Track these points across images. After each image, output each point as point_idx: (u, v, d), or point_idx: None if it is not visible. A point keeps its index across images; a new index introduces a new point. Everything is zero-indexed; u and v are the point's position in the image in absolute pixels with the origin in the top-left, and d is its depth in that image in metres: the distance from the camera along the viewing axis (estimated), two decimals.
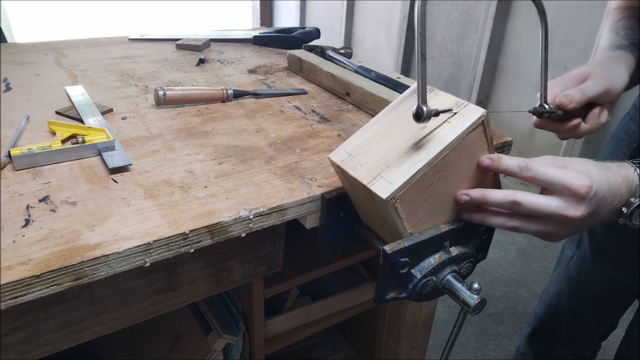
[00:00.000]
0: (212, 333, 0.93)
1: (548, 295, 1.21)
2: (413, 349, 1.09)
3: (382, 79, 0.96)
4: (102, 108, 0.86)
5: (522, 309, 1.95)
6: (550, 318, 1.21)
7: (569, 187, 0.53)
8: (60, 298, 0.58)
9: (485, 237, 0.64)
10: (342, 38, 3.84)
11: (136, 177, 0.64)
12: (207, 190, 0.62)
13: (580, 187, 0.52)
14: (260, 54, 1.29)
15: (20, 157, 0.65)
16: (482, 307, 0.57)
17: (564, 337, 1.21)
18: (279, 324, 0.99)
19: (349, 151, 0.58)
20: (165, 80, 1.05)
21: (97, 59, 1.17)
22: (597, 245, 1.07)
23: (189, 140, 0.77)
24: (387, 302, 0.58)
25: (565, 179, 0.53)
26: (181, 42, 1.30)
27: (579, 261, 1.11)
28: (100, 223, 0.54)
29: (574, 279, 1.13)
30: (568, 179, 0.53)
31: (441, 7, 3.01)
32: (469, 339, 1.80)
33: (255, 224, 0.59)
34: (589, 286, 1.10)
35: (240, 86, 1.02)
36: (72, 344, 0.62)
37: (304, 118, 0.88)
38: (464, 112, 0.55)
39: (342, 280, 1.11)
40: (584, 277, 1.10)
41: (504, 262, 2.22)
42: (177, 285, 0.67)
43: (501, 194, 0.55)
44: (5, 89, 0.95)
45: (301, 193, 0.62)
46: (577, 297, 1.14)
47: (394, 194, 0.51)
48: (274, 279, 0.88)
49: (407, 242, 0.55)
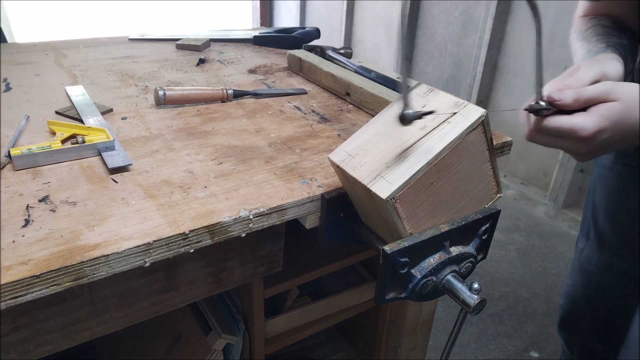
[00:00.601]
0: (212, 333, 0.93)
1: (566, 285, 1.24)
2: (413, 349, 1.09)
3: (382, 79, 0.96)
4: (102, 108, 0.86)
5: (522, 309, 1.95)
6: (570, 308, 1.24)
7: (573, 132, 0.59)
8: (60, 298, 0.58)
9: (485, 237, 0.64)
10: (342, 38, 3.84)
11: (136, 177, 0.64)
12: (207, 190, 0.62)
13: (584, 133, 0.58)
14: (260, 54, 1.29)
15: (20, 157, 0.65)
16: (482, 307, 0.57)
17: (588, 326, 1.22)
18: (279, 324, 0.99)
19: (349, 151, 0.58)
20: (165, 80, 1.05)
21: (97, 59, 1.17)
22: (601, 236, 1.09)
23: (189, 140, 0.77)
24: (387, 302, 0.58)
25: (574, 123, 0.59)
26: (181, 42, 1.30)
27: (588, 252, 1.14)
28: (100, 223, 0.54)
29: (586, 269, 1.15)
30: (575, 124, 0.59)
31: (441, 7, 3.01)
32: (469, 339, 1.80)
33: (255, 224, 0.59)
34: (599, 276, 1.13)
35: (240, 86, 1.02)
36: (72, 344, 0.62)
37: (304, 118, 0.88)
38: (464, 112, 0.55)
39: (342, 280, 1.11)
40: (593, 267, 1.13)
41: (504, 262, 2.22)
42: (177, 285, 0.67)
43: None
44: (5, 89, 0.95)
45: (301, 193, 0.62)
46: (590, 287, 1.16)
47: (394, 194, 0.51)
48: (274, 279, 0.88)
49: (407, 242, 0.55)
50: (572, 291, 1.21)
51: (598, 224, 1.09)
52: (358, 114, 0.92)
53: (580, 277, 1.18)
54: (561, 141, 0.62)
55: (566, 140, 0.61)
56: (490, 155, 0.58)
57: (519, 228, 2.50)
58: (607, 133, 0.59)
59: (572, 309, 1.23)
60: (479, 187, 0.60)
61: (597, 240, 1.10)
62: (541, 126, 0.61)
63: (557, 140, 0.62)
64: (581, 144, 0.60)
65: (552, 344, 1.79)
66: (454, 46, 2.98)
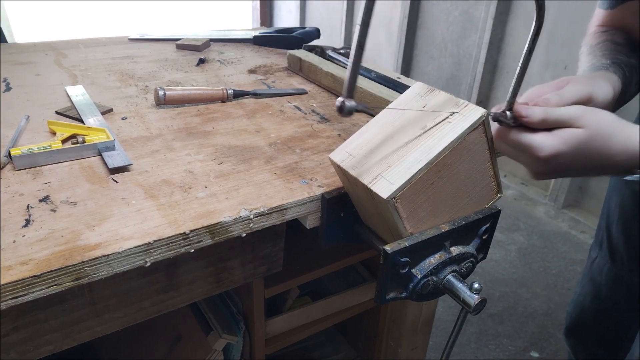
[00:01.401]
0: (212, 333, 0.93)
1: (575, 294, 1.23)
2: (413, 349, 1.09)
3: (382, 79, 0.96)
4: (102, 108, 0.86)
5: (522, 309, 1.95)
6: (577, 317, 1.23)
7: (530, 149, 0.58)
8: (60, 298, 0.58)
9: (485, 237, 0.64)
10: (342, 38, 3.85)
11: (136, 177, 0.64)
12: (207, 190, 0.62)
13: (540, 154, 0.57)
14: (260, 54, 1.29)
15: (20, 157, 0.65)
16: (482, 307, 0.57)
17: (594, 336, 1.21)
18: (279, 324, 0.99)
19: (349, 151, 0.58)
20: (165, 80, 1.05)
21: (97, 59, 1.17)
22: (613, 247, 1.07)
23: (189, 140, 0.77)
24: (388, 302, 0.58)
25: (532, 141, 0.58)
26: (181, 42, 1.30)
27: (600, 262, 1.12)
28: (100, 223, 0.54)
29: (596, 280, 1.14)
30: (533, 142, 0.58)
31: (441, 7, 3.01)
32: (469, 339, 1.80)
33: (255, 224, 0.59)
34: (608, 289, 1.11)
35: (240, 86, 1.02)
36: (72, 344, 0.62)
37: (304, 118, 0.88)
38: (464, 112, 0.55)
39: (342, 280, 1.11)
40: (603, 279, 1.11)
41: (504, 262, 2.22)
42: (177, 285, 0.67)
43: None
44: (5, 89, 0.95)
45: (301, 193, 0.62)
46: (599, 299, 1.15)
47: (395, 193, 0.51)
48: (274, 279, 0.88)
49: (408, 242, 0.55)
50: (581, 300, 1.20)
51: (611, 234, 1.07)
52: (358, 114, 0.92)
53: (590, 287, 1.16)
54: (518, 154, 0.61)
55: (522, 155, 0.60)
56: (491, 155, 0.59)
57: (519, 228, 2.50)
58: (565, 158, 0.57)
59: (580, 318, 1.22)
60: (480, 187, 0.60)
61: (610, 251, 1.08)
62: (502, 135, 0.60)
63: (515, 152, 0.61)
64: (536, 163, 0.59)
65: (552, 344, 1.79)
66: (454, 46, 2.98)
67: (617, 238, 1.06)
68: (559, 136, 0.57)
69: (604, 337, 1.19)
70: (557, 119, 0.57)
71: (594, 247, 1.15)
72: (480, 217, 0.61)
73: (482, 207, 0.62)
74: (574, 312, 1.24)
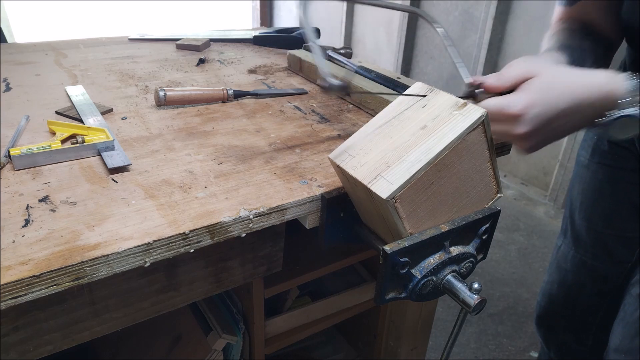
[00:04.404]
0: (212, 333, 0.93)
1: (544, 282, 1.25)
2: (413, 349, 1.09)
3: (382, 79, 0.96)
4: (102, 108, 0.86)
5: (522, 309, 1.95)
6: (547, 305, 1.24)
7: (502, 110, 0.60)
8: (60, 298, 0.58)
9: (485, 237, 0.64)
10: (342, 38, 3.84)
11: (136, 177, 0.64)
12: (207, 190, 0.62)
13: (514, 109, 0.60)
14: (260, 54, 1.29)
15: (20, 157, 0.65)
16: (482, 307, 0.57)
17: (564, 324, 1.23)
18: (279, 324, 0.99)
19: (349, 151, 0.58)
20: (165, 80, 1.05)
21: (97, 59, 1.17)
22: (576, 234, 1.10)
23: (189, 140, 0.77)
24: (387, 302, 0.58)
25: (502, 101, 0.61)
26: (181, 42, 1.30)
27: (565, 250, 1.15)
28: (100, 223, 0.54)
29: (562, 267, 1.16)
30: (503, 101, 0.60)
31: (441, 7, 3.01)
32: (469, 339, 1.80)
33: (255, 224, 0.59)
34: (574, 274, 1.13)
35: (240, 86, 1.02)
36: (72, 344, 0.62)
37: (304, 118, 0.88)
38: (464, 112, 0.55)
39: (342, 280, 1.11)
40: (569, 265, 1.14)
41: (504, 262, 2.22)
42: (177, 285, 0.67)
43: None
44: (5, 89, 0.95)
45: (301, 193, 0.62)
46: (565, 285, 1.17)
47: (394, 193, 0.51)
48: (274, 279, 0.88)
49: (407, 242, 0.55)
50: (548, 288, 1.22)
51: (574, 221, 1.10)
52: (358, 114, 0.92)
53: (556, 275, 1.19)
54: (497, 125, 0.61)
55: (500, 123, 0.61)
56: (491, 155, 0.58)
57: (519, 228, 2.50)
58: (538, 107, 0.59)
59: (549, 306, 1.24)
60: (479, 187, 0.60)
61: (573, 238, 1.11)
62: None
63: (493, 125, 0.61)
64: (515, 124, 0.60)
65: None
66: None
67: (580, 225, 1.08)
68: (523, 88, 0.61)
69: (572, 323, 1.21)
70: (510, 76, 0.62)
71: (560, 236, 1.18)
72: (480, 217, 0.61)
73: (482, 207, 0.62)
74: (542, 300, 1.25)
